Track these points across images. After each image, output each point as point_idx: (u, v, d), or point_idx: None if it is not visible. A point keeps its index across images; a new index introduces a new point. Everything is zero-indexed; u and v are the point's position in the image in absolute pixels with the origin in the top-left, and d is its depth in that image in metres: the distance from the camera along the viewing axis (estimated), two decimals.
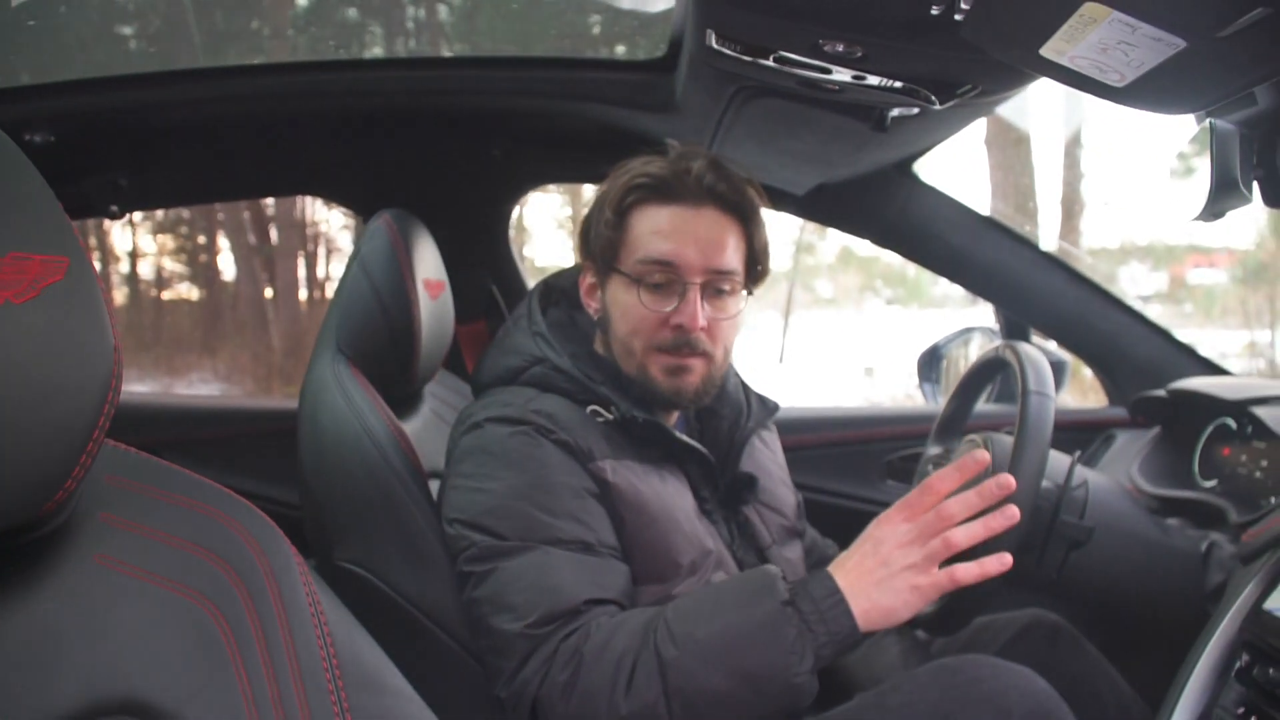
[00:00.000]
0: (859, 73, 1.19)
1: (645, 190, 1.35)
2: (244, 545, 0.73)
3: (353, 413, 1.46)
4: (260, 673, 0.68)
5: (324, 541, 1.47)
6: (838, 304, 16.22)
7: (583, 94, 1.81)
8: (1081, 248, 10.26)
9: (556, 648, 1.17)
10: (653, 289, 1.34)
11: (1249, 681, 1.26)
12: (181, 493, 0.74)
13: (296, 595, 0.73)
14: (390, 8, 2.46)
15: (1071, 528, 1.50)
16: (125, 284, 13.95)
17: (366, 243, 1.58)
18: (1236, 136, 1.08)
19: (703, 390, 1.38)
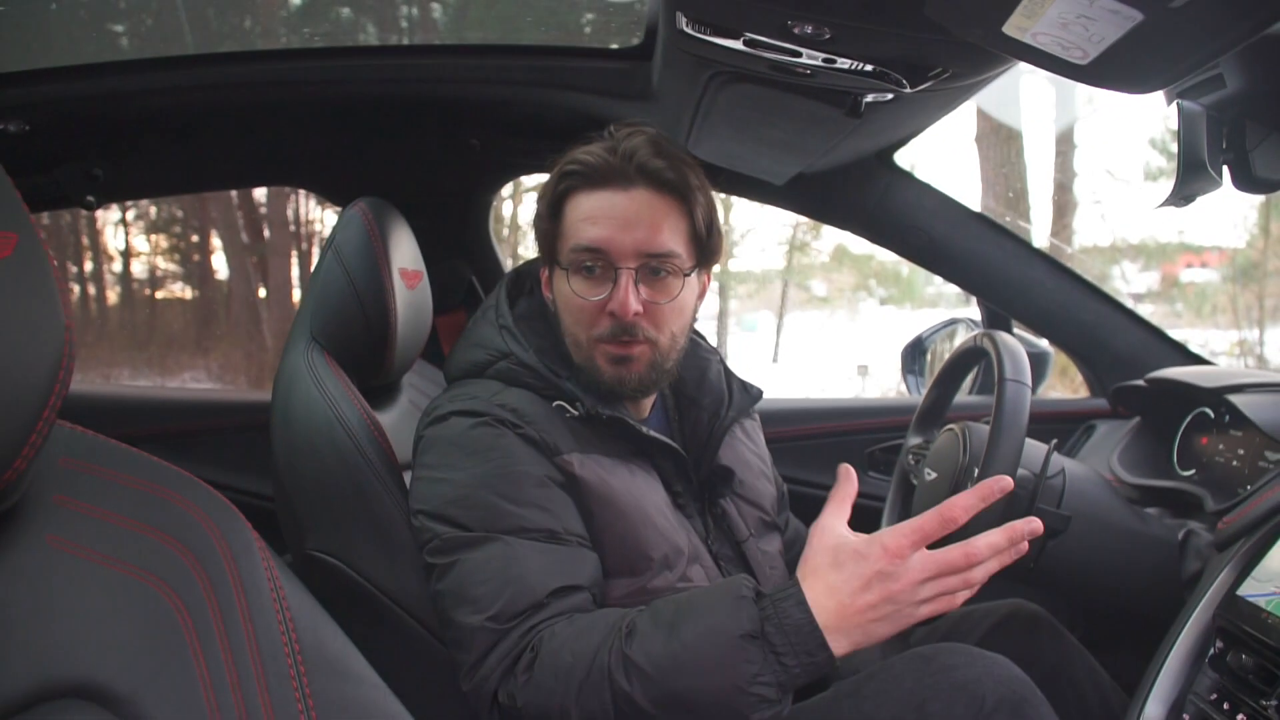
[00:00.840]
0: (829, 55, 1.18)
1: (576, 178, 1.33)
2: (203, 529, 0.72)
3: (325, 401, 1.45)
4: (219, 658, 0.68)
5: (296, 531, 1.46)
6: (832, 303, 16.24)
7: (560, 82, 1.81)
8: (1073, 246, 10.28)
9: (516, 643, 1.15)
10: (585, 277, 1.32)
11: (1222, 668, 1.27)
12: (139, 476, 0.74)
13: (257, 580, 0.72)
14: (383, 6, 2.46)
15: (1049, 516, 1.50)
16: (119, 283, 13.93)
17: (341, 230, 1.57)
18: (1204, 119, 1.08)
19: (648, 378, 1.36)
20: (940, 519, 1.08)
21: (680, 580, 1.33)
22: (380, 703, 0.81)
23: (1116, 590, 1.57)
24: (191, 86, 1.80)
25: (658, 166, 1.31)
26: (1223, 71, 1.09)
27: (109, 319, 13.38)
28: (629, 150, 1.31)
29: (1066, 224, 9.98)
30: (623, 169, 1.31)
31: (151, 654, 0.66)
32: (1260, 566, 1.31)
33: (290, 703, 0.69)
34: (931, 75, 1.21)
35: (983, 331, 1.62)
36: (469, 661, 1.18)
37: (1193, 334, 9.59)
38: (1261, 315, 9.12)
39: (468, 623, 1.18)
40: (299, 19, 2.53)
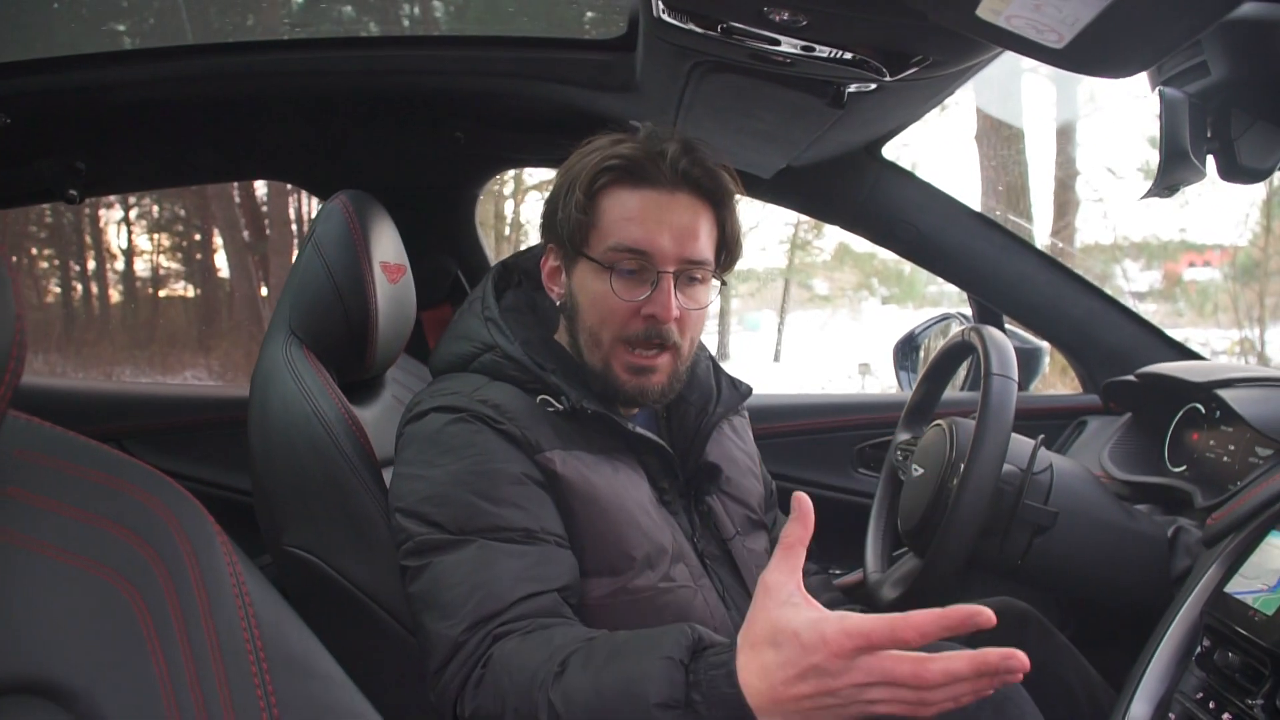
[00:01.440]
0: (807, 43, 1.17)
1: (617, 172, 1.30)
2: (163, 523, 0.71)
3: (303, 395, 1.44)
4: (177, 654, 0.67)
5: (273, 526, 1.45)
6: (834, 302, 16.23)
7: (543, 74, 1.79)
8: (1075, 244, 10.26)
9: (473, 653, 1.13)
10: (625, 277, 1.29)
11: (1209, 666, 1.25)
12: (99, 469, 0.73)
13: (219, 576, 0.71)
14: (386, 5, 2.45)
15: (1035, 512, 1.49)
16: (121, 281, 13.96)
17: (321, 223, 1.55)
18: (1186, 106, 1.06)
19: (669, 388, 1.34)
20: (891, 633, 0.89)
21: (662, 580, 1.31)
22: (345, 701, 0.80)
23: (1105, 587, 1.55)
24: (173, 78, 1.79)
25: (699, 174, 1.30)
26: (1207, 59, 1.08)
27: (111, 317, 13.42)
28: (673, 155, 1.29)
29: (1068, 222, 9.95)
30: (667, 172, 1.29)
31: (107, 649, 0.65)
32: (1248, 563, 1.30)
33: (252, 700, 0.68)
34: (912, 64, 1.20)
35: (971, 326, 1.61)
36: (433, 668, 1.17)
37: (1195, 333, 9.57)
38: (1262, 314, 9.10)
39: (433, 629, 1.16)
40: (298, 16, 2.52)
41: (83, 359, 11.57)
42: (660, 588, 1.30)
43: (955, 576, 1.43)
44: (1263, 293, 9.10)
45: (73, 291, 13.55)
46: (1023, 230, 8.95)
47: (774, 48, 1.21)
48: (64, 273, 13.51)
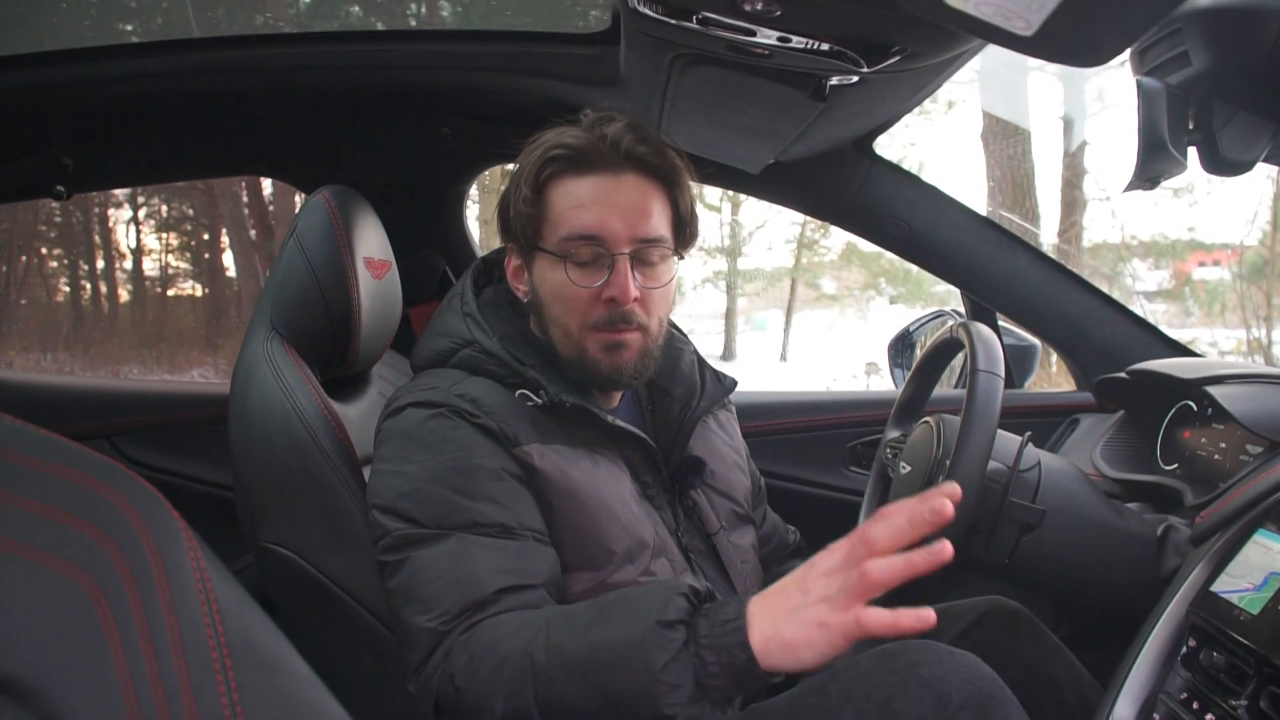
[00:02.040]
0: (783, 34, 1.16)
1: (562, 162, 1.30)
2: (126, 517, 0.69)
3: (283, 391, 1.43)
4: (138, 649, 0.65)
5: (252, 522, 1.45)
6: (841, 301, 16.21)
7: (529, 69, 1.79)
8: (1082, 243, 10.20)
9: (457, 643, 1.13)
10: (580, 265, 1.29)
11: (1195, 666, 1.24)
12: (59, 462, 0.71)
13: (182, 570, 0.70)
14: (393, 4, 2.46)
15: (1022, 510, 1.48)
16: (130, 281, 14.03)
17: (303, 218, 1.55)
18: (1164, 97, 1.05)
19: (641, 365, 1.34)
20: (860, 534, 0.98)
21: (643, 574, 1.30)
22: (310, 697, 0.78)
23: (1094, 586, 1.54)
24: (159, 74, 1.78)
25: (644, 151, 1.30)
26: (1188, 49, 1.06)
27: (120, 316, 13.48)
28: (615, 136, 1.29)
29: (1075, 221, 9.91)
30: (610, 154, 1.29)
31: (66, 644, 0.64)
32: (1235, 562, 1.28)
33: (214, 695, 0.67)
34: (890, 55, 1.19)
35: (959, 323, 1.59)
36: (414, 662, 1.16)
37: (1204, 333, 9.52)
38: (1269, 313, 9.03)
39: (414, 623, 1.16)
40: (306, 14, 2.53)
41: (91, 357, 11.63)
42: (640, 582, 1.29)
43: (942, 574, 1.41)
44: (1270, 292, 9.04)
45: (81, 290, 13.62)
46: (1029, 229, 8.91)
47: (750, 39, 1.19)
48: (73, 272, 13.58)
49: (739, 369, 14.28)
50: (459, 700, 1.10)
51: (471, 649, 1.11)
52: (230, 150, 2.17)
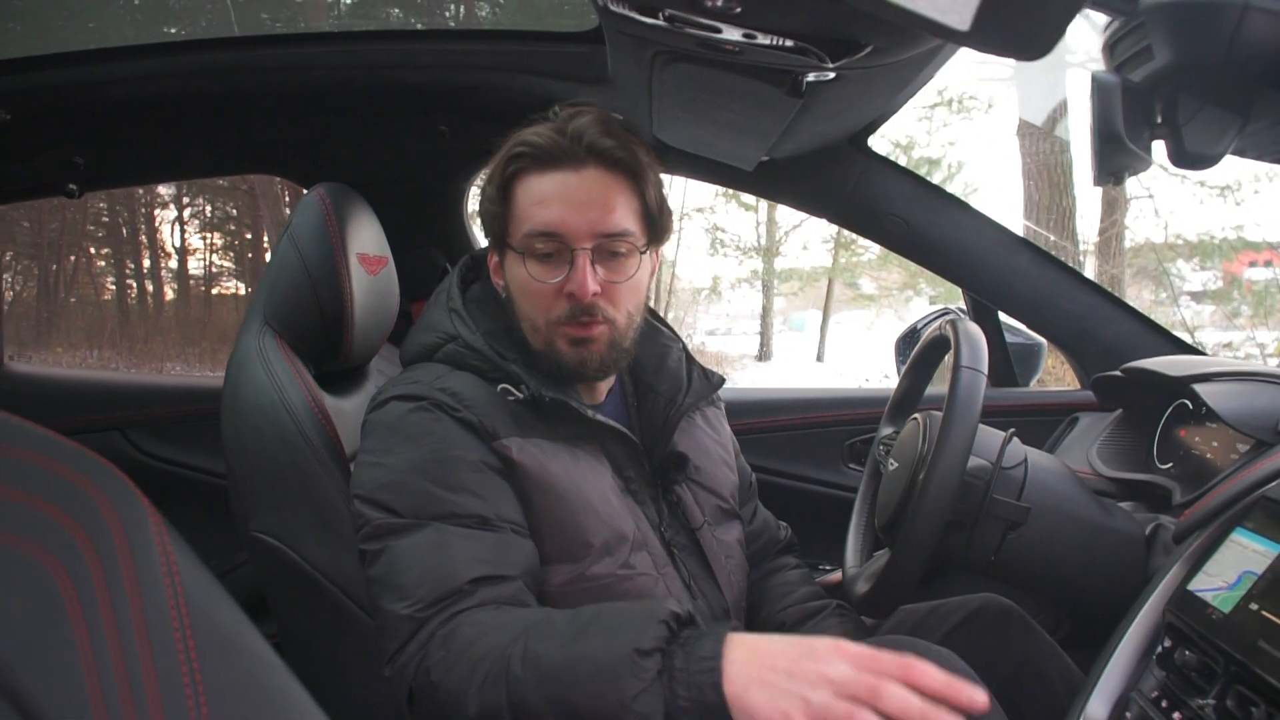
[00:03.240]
0: (747, 30, 1.16)
1: (526, 159, 1.31)
2: (93, 501, 0.71)
3: (272, 385, 1.46)
4: (101, 628, 0.66)
5: (242, 512, 1.48)
6: (879, 301, 16.11)
7: (521, 67, 1.81)
8: (1124, 242, 10.05)
9: (433, 633, 1.14)
10: (541, 260, 1.30)
11: (1170, 666, 1.22)
12: (26, 448, 0.72)
13: (148, 553, 0.71)
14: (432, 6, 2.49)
15: (1006, 507, 1.46)
16: (175, 280, 14.28)
17: (298, 215, 1.57)
18: (1119, 90, 1.04)
19: (609, 358, 1.34)
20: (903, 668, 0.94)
21: (622, 567, 1.31)
22: (272, 680, 0.79)
23: (1080, 585, 1.52)
24: (165, 74, 1.83)
25: (608, 145, 1.30)
26: (1150, 43, 1.06)
27: (164, 314, 13.71)
28: (578, 130, 1.30)
29: (1116, 220, 9.77)
30: (572, 149, 1.29)
31: (28, 623, 0.64)
32: (1212, 560, 1.26)
33: (176, 675, 0.68)
34: (855, 51, 1.19)
35: (948, 319, 1.59)
36: (391, 649, 1.17)
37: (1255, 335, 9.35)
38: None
39: (391, 610, 1.17)
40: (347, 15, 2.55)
41: (136, 354, 11.86)
42: (619, 574, 1.31)
43: (920, 570, 1.41)
44: None
45: (127, 289, 13.89)
46: (1066, 228, 8.80)
47: (718, 36, 1.20)
48: (119, 271, 13.85)
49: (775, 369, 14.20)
50: (434, 693, 1.11)
51: (450, 644, 1.11)
52: (234, 149, 2.21)
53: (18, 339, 11.54)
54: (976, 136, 17.44)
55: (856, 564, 1.71)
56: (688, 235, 17.20)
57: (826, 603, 1.53)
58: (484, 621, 1.12)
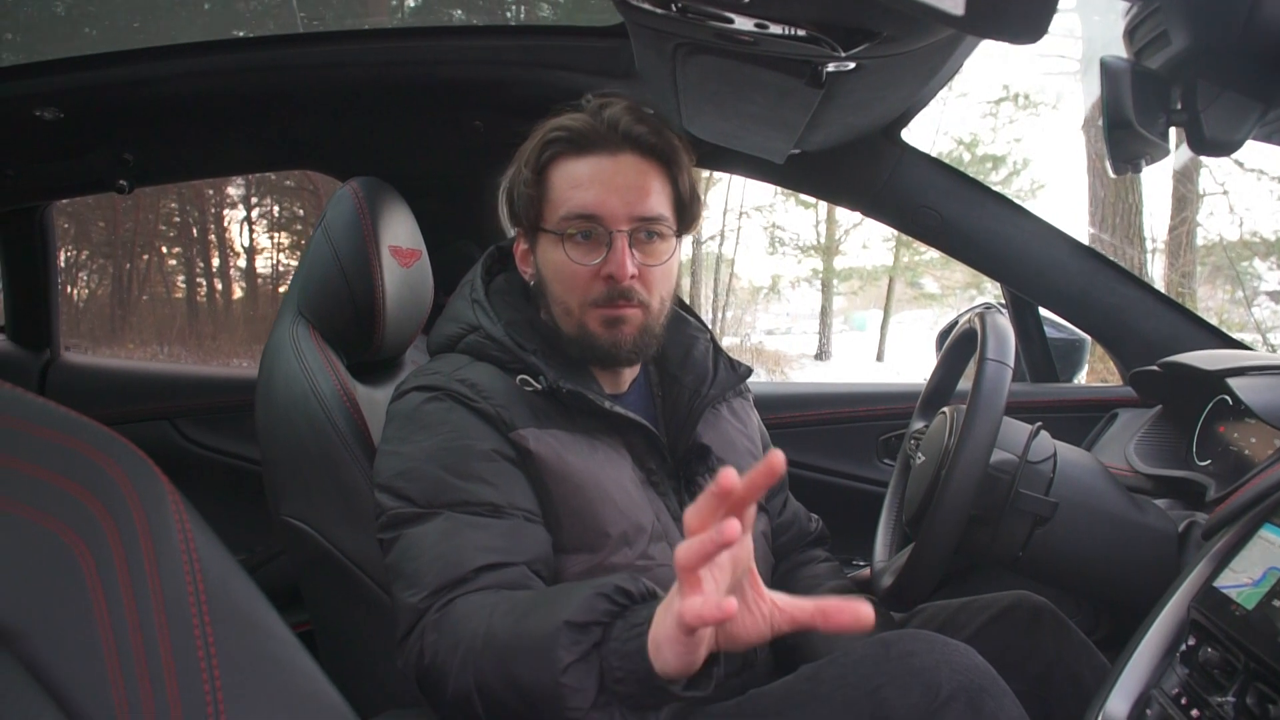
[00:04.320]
0: (760, 20, 1.16)
1: (561, 144, 1.34)
2: (113, 479, 0.73)
3: (303, 373, 1.50)
4: (120, 602, 0.69)
5: (274, 496, 1.52)
6: (943, 301, 15.89)
7: (550, 62, 1.82)
8: (1195, 241, 9.80)
9: (430, 620, 1.15)
10: (579, 243, 1.32)
11: (1193, 663, 1.20)
12: (52, 427, 0.75)
13: (167, 531, 0.74)
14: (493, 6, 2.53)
15: (1033, 501, 1.45)
16: (244, 278, 14.56)
17: (331, 208, 1.61)
18: (1129, 76, 1.03)
19: (641, 341, 1.36)
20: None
21: (640, 558, 1.32)
22: (285, 656, 0.81)
23: (1110, 582, 1.50)
24: (208, 72, 1.88)
25: (642, 131, 1.33)
26: (1167, 28, 1.04)
27: (232, 312, 13.98)
28: (612, 117, 1.32)
29: (1186, 217, 9.52)
30: (609, 135, 1.32)
31: (49, 594, 0.68)
32: (1239, 557, 1.24)
33: (191, 649, 0.70)
34: (869, 40, 1.18)
35: (976, 312, 1.57)
36: (399, 637, 1.20)
37: None
38: None
39: (400, 598, 1.20)
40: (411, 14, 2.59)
41: (204, 351, 12.12)
42: (638, 565, 1.31)
43: (942, 564, 1.40)
44: None
45: (197, 287, 14.19)
46: (1132, 224, 8.61)
47: (731, 26, 1.20)
48: (189, 269, 14.17)
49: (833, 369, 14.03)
50: (427, 676, 1.13)
51: (441, 627, 1.13)
52: (275, 145, 2.26)
53: (92, 335, 11.89)
54: (1043, 133, 17.09)
55: (885, 558, 1.70)
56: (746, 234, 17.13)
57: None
58: (474, 603, 1.14)
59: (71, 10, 2.07)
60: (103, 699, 0.66)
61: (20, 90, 1.86)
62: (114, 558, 0.70)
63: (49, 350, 2.53)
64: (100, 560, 0.69)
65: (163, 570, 0.71)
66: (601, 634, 1.00)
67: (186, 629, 0.71)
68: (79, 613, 0.68)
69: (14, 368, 2.45)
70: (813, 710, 1.17)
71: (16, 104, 1.87)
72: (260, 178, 13.13)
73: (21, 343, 2.53)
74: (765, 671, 1.41)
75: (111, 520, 0.71)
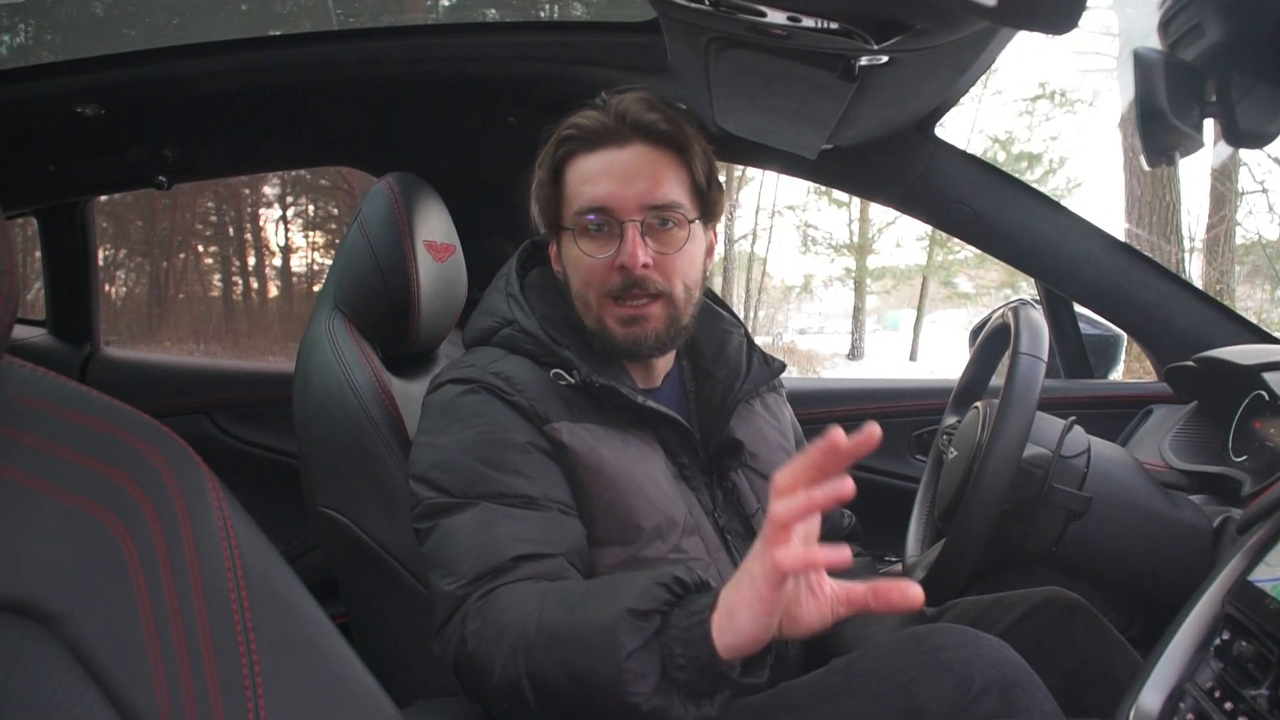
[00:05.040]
0: (792, 14, 1.17)
1: (574, 142, 1.35)
2: (155, 467, 0.75)
3: (340, 366, 1.52)
4: (161, 587, 0.71)
5: (310, 488, 1.54)
6: (977, 300, 15.77)
7: (582, 58, 1.83)
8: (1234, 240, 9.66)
9: (471, 607, 1.16)
10: (592, 236, 1.33)
11: (1227, 657, 1.20)
12: (94, 415, 0.77)
13: (207, 517, 0.76)
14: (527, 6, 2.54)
15: (1066, 496, 1.44)
16: (279, 277, 14.69)
17: (367, 204, 1.63)
18: (1162, 67, 1.03)
19: (666, 335, 1.36)
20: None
21: (673, 551, 1.33)
22: (323, 641, 0.83)
23: (1144, 577, 1.49)
24: (246, 69, 1.90)
25: (651, 119, 1.33)
26: (1201, 20, 1.04)
27: (267, 310, 14.11)
28: (621, 109, 1.33)
29: (1225, 216, 9.39)
30: (617, 128, 1.33)
31: (91, 578, 0.70)
32: (1274, 551, 1.23)
33: (230, 633, 0.72)
34: (902, 32, 1.19)
35: (1010, 307, 1.57)
36: (437, 624, 1.21)
37: None
38: None
39: (437, 586, 1.21)
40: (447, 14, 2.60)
41: (240, 349, 12.23)
42: (670, 559, 1.31)
43: (974, 558, 1.40)
44: None
45: (233, 286, 14.34)
46: (1170, 222, 8.50)
47: (763, 20, 1.21)
48: (225, 268, 14.31)
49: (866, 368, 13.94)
50: (469, 663, 1.14)
51: (484, 615, 1.14)
52: (311, 141, 2.29)
53: (129, 332, 12.04)
54: (1080, 131, 16.92)
55: (916, 553, 1.70)
56: (779, 233, 17.06)
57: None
58: (518, 593, 1.15)
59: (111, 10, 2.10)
60: (143, 681, 0.68)
61: (61, 87, 1.89)
62: (154, 543, 0.72)
63: (89, 345, 2.57)
64: (141, 545, 0.71)
65: (202, 556, 0.73)
66: (661, 622, 1.02)
67: (226, 613, 0.72)
68: (120, 597, 0.70)
69: (55, 362, 2.48)
70: (844, 703, 1.17)
71: (58, 100, 1.91)
72: (295, 177, 13.25)
73: (62, 337, 2.58)
74: (795, 666, 1.42)
75: (152, 506, 0.73)
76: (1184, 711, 1.19)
